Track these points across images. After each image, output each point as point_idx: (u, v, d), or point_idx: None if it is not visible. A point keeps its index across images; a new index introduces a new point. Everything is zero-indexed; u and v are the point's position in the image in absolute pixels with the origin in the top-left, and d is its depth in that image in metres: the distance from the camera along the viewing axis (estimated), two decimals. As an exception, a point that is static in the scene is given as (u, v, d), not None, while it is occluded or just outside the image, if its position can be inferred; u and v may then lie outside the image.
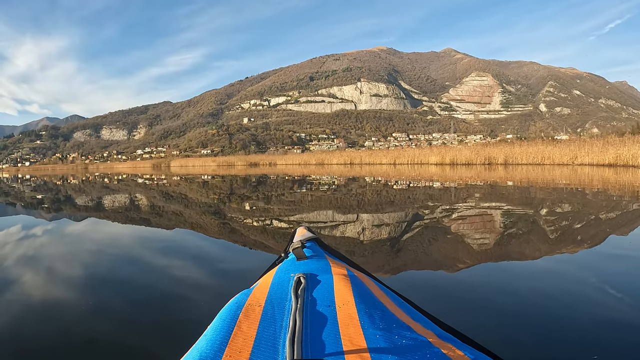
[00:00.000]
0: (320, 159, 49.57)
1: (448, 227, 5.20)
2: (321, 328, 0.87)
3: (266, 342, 0.83)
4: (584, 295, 2.59)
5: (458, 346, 0.83)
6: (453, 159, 30.18)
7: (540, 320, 2.22)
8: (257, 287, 1.17)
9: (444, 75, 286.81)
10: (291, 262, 1.36)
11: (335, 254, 1.54)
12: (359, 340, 0.81)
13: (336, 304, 0.97)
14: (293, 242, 1.58)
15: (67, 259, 3.98)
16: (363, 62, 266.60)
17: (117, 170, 69.25)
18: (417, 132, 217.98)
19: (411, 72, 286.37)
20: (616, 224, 5.04)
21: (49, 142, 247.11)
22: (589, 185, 9.91)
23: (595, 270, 3.15)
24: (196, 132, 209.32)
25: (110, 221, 6.72)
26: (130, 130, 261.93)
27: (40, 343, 2.10)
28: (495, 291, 2.74)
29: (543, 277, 3.04)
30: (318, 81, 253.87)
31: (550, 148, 24.81)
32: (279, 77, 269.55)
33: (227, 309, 1.01)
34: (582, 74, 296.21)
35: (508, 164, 26.27)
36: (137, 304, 2.64)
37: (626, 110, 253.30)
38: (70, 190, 16.26)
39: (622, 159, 18.98)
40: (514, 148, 27.58)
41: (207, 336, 0.90)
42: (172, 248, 4.50)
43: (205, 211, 7.80)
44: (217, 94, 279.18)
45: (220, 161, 77.31)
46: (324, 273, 1.17)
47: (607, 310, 2.32)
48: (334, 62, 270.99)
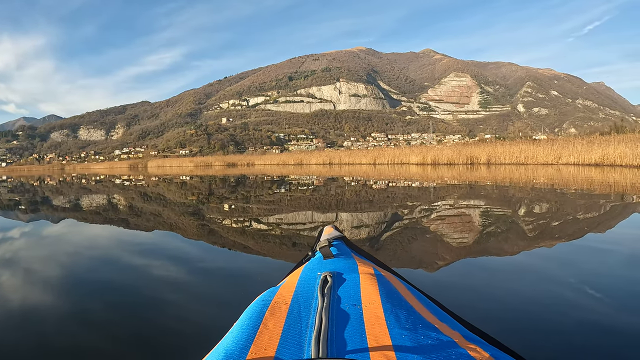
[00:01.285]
0: (299, 159, 49.27)
1: (427, 226, 5.23)
2: (347, 327, 0.86)
3: (292, 340, 0.83)
4: (564, 295, 2.60)
5: (484, 347, 0.82)
6: (435, 159, 29.90)
7: (520, 320, 2.24)
8: (283, 285, 1.16)
9: (423, 76, 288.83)
10: (318, 260, 1.35)
11: (362, 253, 1.55)
12: (384, 339, 0.80)
13: (362, 303, 0.97)
14: (320, 240, 1.56)
15: (44, 262, 3.94)
16: (342, 62, 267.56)
17: (93, 170, 68.45)
18: (396, 132, 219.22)
19: (390, 72, 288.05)
20: (597, 222, 5.13)
21: (26, 143, 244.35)
22: (575, 185, 9.93)
23: (575, 269, 3.20)
24: (174, 132, 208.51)
25: (89, 223, 6.67)
26: (108, 130, 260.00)
27: (17, 349, 2.06)
28: (475, 290, 2.76)
29: (523, 277, 3.08)
30: (297, 81, 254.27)
31: (534, 147, 24.64)
32: (257, 77, 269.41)
33: (254, 307, 1.01)
34: (559, 75, 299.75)
35: (491, 163, 26.05)
36: (117, 307, 2.62)
37: (603, 111, 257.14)
38: (48, 191, 16.07)
39: (608, 158, 18.74)
40: (496, 148, 27.35)
41: (233, 333, 0.90)
42: (152, 250, 4.48)
43: (184, 212, 7.77)
44: (196, 93, 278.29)
45: (198, 161, 76.76)
46: (350, 272, 1.17)
47: (585, 310, 2.34)
48: (313, 62, 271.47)
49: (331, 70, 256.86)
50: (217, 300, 2.72)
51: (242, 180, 19.02)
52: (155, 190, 14.43)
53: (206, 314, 2.45)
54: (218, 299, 2.73)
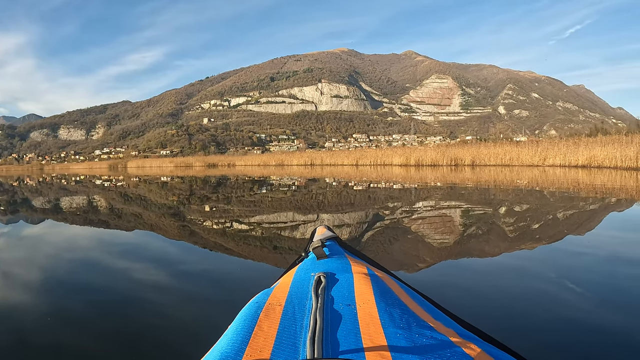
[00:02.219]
0: (280, 160, 49.42)
1: (408, 227, 5.29)
2: (341, 327, 0.86)
3: (287, 341, 0.83)
4: (545, 292, 2.66)
5: (479, 344, 0.82)
6: (418, 160, 29.79)
7: (502, 318, 2.28)
8: (277, 286, 1.16)
9: (405, 77, 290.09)
10: (311, 261, 1.36)
11: (355, 253, 1.55)
12: (379, 339, 0.80)
13: (356, 302, 0.97)
14: (313, 241, 1.57)
15: (23, 263, 3.93)
16: (324, 63, 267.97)
17: (73, 171, 67.74)
18: (378, 133, 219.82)
19: (372, 73, 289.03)
20: (582, 223, 5.20)
21: (5, 142, 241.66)
22: (562, 187, 9.99)
23: (556, 267, 3.26)
24: (155, 133, 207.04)
25: (69, 223, 6.63)
26: (89, 130, 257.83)
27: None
28: (457, 290, 2.79)
29: (504, 275, 3.14)
30: (279, 82, 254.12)
31: (519, 149, 24.59)
32: (239, 77, 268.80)
33: (248, 309, 1.01)
34: (540, 78, 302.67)
35: (475, 165, 26.01)
36: (96, 307, 2.62)
37: (583, 113, 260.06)
38: (27, 192, 15.90)
39: (595, 160, 18.67)
40: (481, 149, 27.16)
41: (228, 336, 0.90)
42: (133, 251, 4.48)
43: (165, 213, 7.75)
44: (177, 93, 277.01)
45: (178, 162, 76.36)
46: (344, 272, 1.17)
47: (567, 307, 2.39)
48: (295, 63, 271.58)
49: (313, 71, 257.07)
50: (198, 300, 2.72)
51: (223, 181, 18.99)
52: (136, 191, 14.34)
53: (187, 314, 2.45)
54: (198, 299, 2.73)
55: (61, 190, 16.31)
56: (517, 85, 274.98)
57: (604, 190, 8.87)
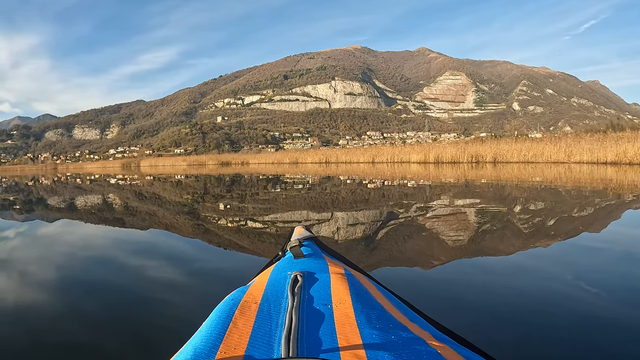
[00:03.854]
0: (295, 158, 48.88)
1: (423, 225, 5.22)
2: (317, 326, 0.86)
3: (262, 339, 0.83)
4: (560, 291, 2.60)
5: (454, 347, 0.83)
6: (437, 157, 28.67)
7: (515, 316, 2.24)
8: (253, 284, 1.16)
9: (418, 74, 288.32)
10: (288, 260, 1.35)
11: (332, 253, 1.54)
12: (355, 339, 0.80)
13: (333, 302, 0.97)
14: (290, 240, 1.56)
15: (40, 262, 3.93)
16: (337, 61, 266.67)
17: (87, 170, 68.00)
18: (392, 130, 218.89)
19: (385, 70, 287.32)
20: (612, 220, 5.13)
21: (21, 142, 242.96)
22: (593, 185, 9.44)
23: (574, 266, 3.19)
24: (169, 131, 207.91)
25: (84, 222, 6.65)
26: (103, 129, 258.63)
27: (12, 348, 2.06)
28: (471, 287, 2.76)
29: (517, 273, 3.07)
30: (292, 80, 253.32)
31: (543, 145, 23.28)
32: (252, 76, 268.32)
33: (223, 306, 1.01)
34: (555, 73, 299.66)
35: (497, 162, 24.80)
36: (112, 307, 2.61)
37: (598, 109, 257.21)
38: (43, 191, 16.03)
39: (626, 156, 17.38)
40: (501, 145, 26.01)
41: (202, 332, 0.89)
42: (148, 249, 4.49)
43: (180, 211, 7.76)
44: (191, 92, 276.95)
45: (191, 160, 76.22)
46: (321, 272, 1.17)
47: (583, 306, 2.34)
48: (308, 61, 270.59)
49: (326, 69, 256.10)
50: (214, 299, 2.60)
51: (237, 179, 18.98)
52: (151, 189, 14.38)
53: (202, 313, 2.26)
54: (214, 298, 2.61)
55: (77, 189, 16.42)
56: (532, 82, 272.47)
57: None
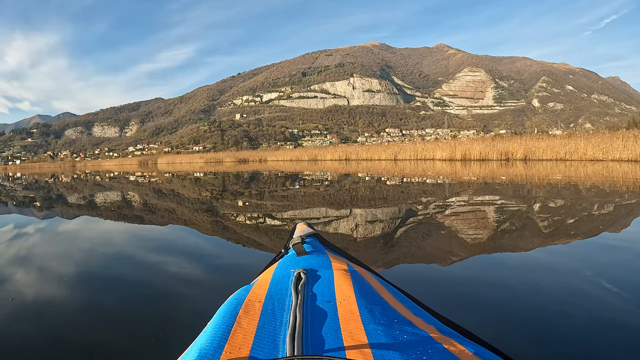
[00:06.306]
0: (313, 155, 48.73)
1: (442, 222, 5.18)
2: (321, 324, 0.86)
3: (266, 338, 0.83)
4: (579, 289, 2.57)
5: (460, 341, 0.82)
6: (465, 154, 27.62)
7: (534, 314, 2.21)
8: (257, 283, 1.15)
9: (437, 71, 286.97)
10: (291, 257, 1.34)
11: (335, 250, 1.54)
12: (359, 335, 0.80)
13: (337, 299, 0.96)
14: (293, 237, 1.56)
15: (59, 258, 3.94)
16: (356, 58, 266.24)
17: (105, 167, 68.44)
18: (410, 127, 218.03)
19: (404, 67, 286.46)
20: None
21: (41, 140, 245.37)
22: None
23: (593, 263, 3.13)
24: (188, 129, 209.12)
25: (104, 219, 6.69)
26: (122, 127, 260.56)
27: (33, 343, 2.07)
28: (489, 284, 2.74)
29: (536, 270, 3.03)
30: (310, 77, 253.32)
31: (576, 142, 22.60)
32: (271, 73, 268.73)
33: (227, 305, 1.01)
34: (574, 70, 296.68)
35: (528, 159, 24.02)
36: (132, 303, 2.62)
37: (619, 106, 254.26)
38: (62, 188, 16.17)
39: None
40: (533, 141, 25.04)
41: (207, 333, 0.89)
42: (168, 245, 4.48)
43: (199, 208, 7.77)
44: (209, 90, 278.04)
45: (208, 157, 76.34)
46: (324, 268, 1.17)
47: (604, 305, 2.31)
48: (327, 58, 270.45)
49: (345, 66, 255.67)
50: (229, 294, 2.67)
51: (256, 176, 18.96)
52: (169, 186, 14.42)
53: (217, 308, 2.40)
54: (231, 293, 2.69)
55: (97, 186, 16.50)
56: (551, 78, 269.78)
57: None
